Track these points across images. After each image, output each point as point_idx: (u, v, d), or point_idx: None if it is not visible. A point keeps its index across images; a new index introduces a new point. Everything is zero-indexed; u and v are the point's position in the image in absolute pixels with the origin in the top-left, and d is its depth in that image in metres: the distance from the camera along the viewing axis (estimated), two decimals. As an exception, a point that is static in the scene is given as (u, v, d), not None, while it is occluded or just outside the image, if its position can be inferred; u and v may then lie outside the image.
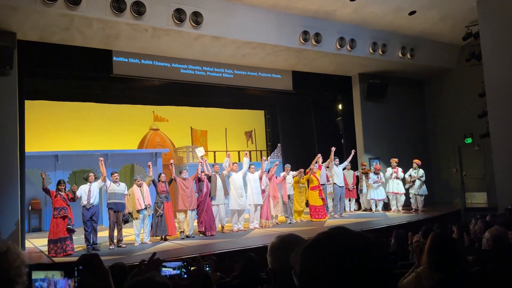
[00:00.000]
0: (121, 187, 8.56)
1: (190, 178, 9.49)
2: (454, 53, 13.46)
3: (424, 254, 2.12)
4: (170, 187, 9.44)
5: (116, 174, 8.64)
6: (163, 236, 8.94)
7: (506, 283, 2.30)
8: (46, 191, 7.99)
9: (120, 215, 8.41)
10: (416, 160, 11.88)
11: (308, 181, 11.18)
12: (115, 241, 8.36)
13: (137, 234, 8.66)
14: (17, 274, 1.16)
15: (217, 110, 15.97)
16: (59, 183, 8.07)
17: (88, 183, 8.26)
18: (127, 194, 8.69)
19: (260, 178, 10.23)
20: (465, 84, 13.17)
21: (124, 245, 8.40)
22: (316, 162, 11.26)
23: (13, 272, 1.15)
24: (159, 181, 9.09)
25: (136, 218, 8.67)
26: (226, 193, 9.77)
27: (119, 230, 8.42)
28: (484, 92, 10.52)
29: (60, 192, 7.89)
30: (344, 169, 12.09)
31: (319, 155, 11.46)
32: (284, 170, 11.15)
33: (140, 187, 8.74)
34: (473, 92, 11.93)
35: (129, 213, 8.68)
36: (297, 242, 1.47)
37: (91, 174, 8.49)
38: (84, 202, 8.14)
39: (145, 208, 8.67)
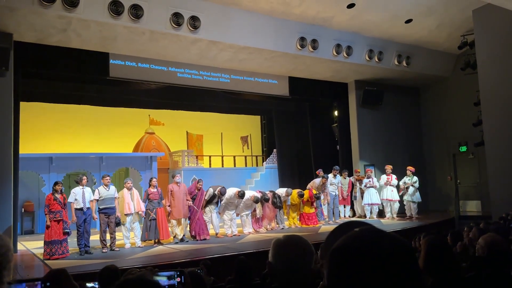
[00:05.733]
0: (111, 190, 8.35)
1: (183, 185, 9.46)
2: (450, 61, 13.56)
3: (420, 259, 2.13)
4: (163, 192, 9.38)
5: (108, 178, 8.49)
6: (156, 240, 8.86)
7: (500, 289, 2.31)
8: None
9: (113, 218, 8.29)
10: (410, 167, 11.91)
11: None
12: (108, 244, 8.28)
13: (126, 237, 8.57)
14: (4, 259, 1.16)
15: (213, 115, 15.98)
16: (56, 184, 7.87)
17: (81, 186, 8.16)
18: (116, 197, 8.50)
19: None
20: (460, 93, 13.25)
21: (117, 249, 8.31)
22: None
23: (1, 258, 1.15)
24: (150, 185, 8.99)
25: (123, 223, 8.56)
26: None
27: (112, 234, 8.29)
28: (479, 101, 10.58)
29: (56, 195, 7.75)
30: (340, 175, 12.21)
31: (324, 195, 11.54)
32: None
33: (130, 190, 8.65)
34: (468, 101, 11.99)
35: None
36: (302, 242, 1.49)
37: (84, 177, 8.35)
38: (81, 205, 8.01)
39: (136, 213, 8.63)
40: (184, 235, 9.18)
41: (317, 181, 11.48)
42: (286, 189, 11.01)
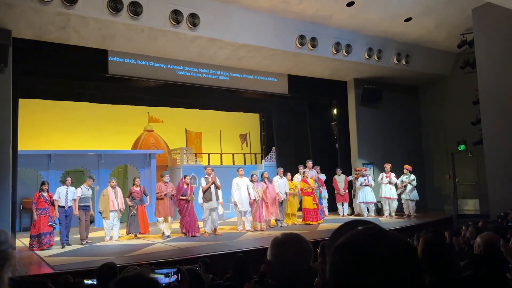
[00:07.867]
0: (90, 191, 9.33)
1: (171, 184, 9.78)
2: (449, 60, 13.56)
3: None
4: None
5: (91, 180, 9.45)
6: (136, 234, 9.64)
7: None
8: None
9: (88, 216, 9.13)
10: (406, 166, 11.91)
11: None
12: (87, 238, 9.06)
13: (107, 230, 9.35)
14: (3, 257, 1.16)
15: (212, 112, 15.95)
16: (42, 183, 8.71)
17: (65, 186, 8.94)
18: (100, 196, 9.57)
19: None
20: (459, 92, 13.26)
21: (90, 241, 9.04)
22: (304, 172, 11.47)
23: (2, 254, 1.15)
24: (134, 184, 9.93)
25: (105, 218, 9.34)
26: (217, 198, 9.82)
27: (87, 228, 9.14)
28: (478, 99, 10.59)
29: (43, 193, 8.53)
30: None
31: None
32: (277, 174, 11.30)
33: (114, 188, 9.47)
34: (467, 100, 12.01)
35: (100, 212, 9.46)
36: (300, 240, 1.50)
37: (69, 178, 9.17)
38: (63, 203, 8.83)
39: (119, 210, 9.45)
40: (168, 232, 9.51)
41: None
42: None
